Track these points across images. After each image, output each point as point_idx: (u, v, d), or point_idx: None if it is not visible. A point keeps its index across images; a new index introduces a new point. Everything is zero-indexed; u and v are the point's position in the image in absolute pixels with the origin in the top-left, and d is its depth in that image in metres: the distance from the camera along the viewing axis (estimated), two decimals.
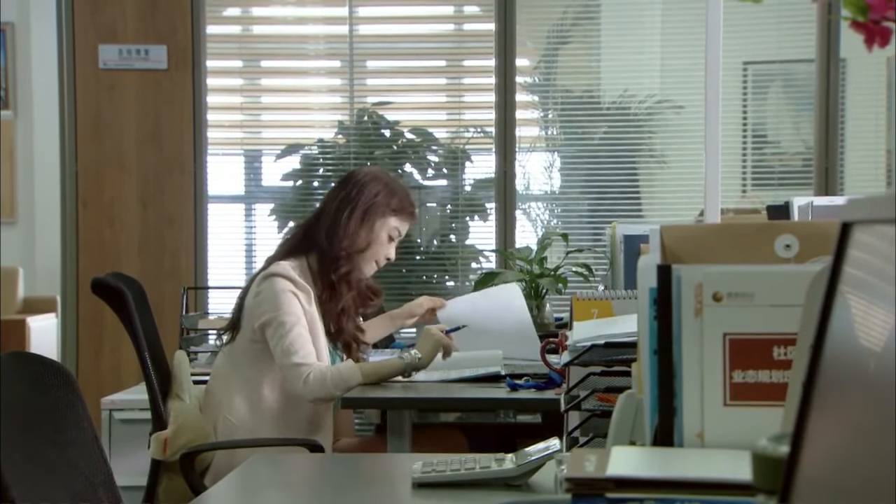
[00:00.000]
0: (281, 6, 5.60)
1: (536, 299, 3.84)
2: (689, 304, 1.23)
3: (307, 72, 5.60)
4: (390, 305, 4.90)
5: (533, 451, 1.83)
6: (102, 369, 5.21)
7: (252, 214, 5.63)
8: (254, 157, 5.65)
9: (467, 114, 5.60)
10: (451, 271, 5.49)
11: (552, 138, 5.59)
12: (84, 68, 5.27)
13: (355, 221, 3.19)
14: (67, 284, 5.34)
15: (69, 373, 2.14)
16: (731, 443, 1.21)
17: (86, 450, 2.08)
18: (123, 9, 5.26)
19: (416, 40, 5.57)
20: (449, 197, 5.48)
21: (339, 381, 3.00)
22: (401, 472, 1.95)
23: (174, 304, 4.72)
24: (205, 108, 5.36)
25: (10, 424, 1.85)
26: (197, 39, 5.30)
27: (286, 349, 3.02)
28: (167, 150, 5.32)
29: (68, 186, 5.32)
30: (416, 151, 5.51)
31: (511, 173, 5.35)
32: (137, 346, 3.12)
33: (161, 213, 5.32)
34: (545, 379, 2.97)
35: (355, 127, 5.46)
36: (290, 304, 3.06)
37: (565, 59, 5.57)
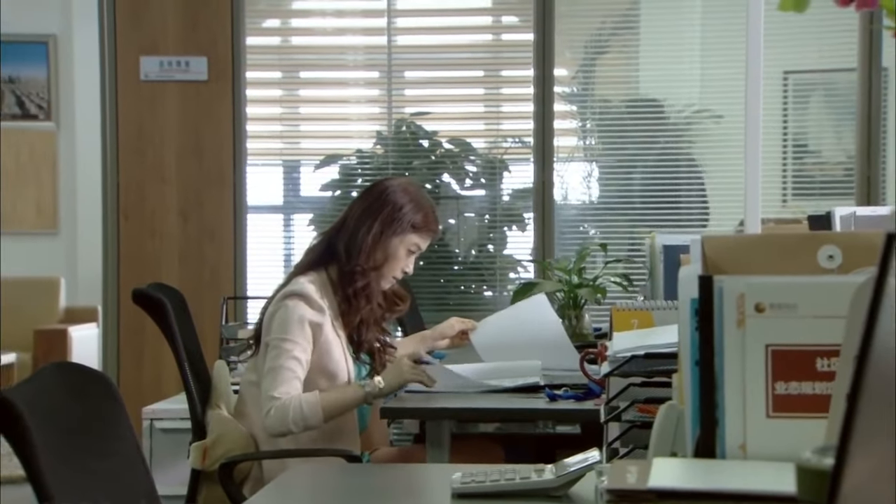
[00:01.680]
0: (320, 17, 5.63)
1: (575, 310, 3.83)
2: (732, 314, 1.22)
3: (346, 82, 5.63)
4: (427, 315, 4.92)
5: (573, 462, 1.82)
6: (143, 379, 5.24)
7: (291, 225, 5.66)
8: (292, 168, 5.68)
9: (505, 124, 5.60)
10: (488, 281, 5.49)
11: (590, 148, 5.59)
12: (126, 80, 5.32)
13: (373, 237, 3.15)
14: (109, 295, 5.38)
15: (112, 382, 2.15)
16: (773, 455, 1.20)
17: (128, 459, 2.09)
18: (165, 21, 5.31)
19: (454, 51, 5.59)
20: (487, 207, 5.49)
21: (298, 419, 2.98)
22: (440, 483, 1.95)
23: (214, 314, 4.75)
24: (244, 119, 5.39)
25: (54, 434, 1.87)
26: (237, 51, 5.33)
27: (268, 376, 3.02)
28: (207, 162, 5.36)
29: (110, 197, 5.36)
30: (454, 161, 5.52)
31: (549, 183, 5.35)
32: (177, 357, 3.14)
33: (201, 224, 5.35)
34: (584, 389, 2.96)
35: (393, 137, 5.48)
36: (295, 332, 3.05)
37: (604, 69, 5.56)
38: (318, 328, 3.08)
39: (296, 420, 2.98)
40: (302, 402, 2.99)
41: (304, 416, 2.98)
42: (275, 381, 3.00)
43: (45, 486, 1.77)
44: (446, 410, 3.01)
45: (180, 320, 3.18)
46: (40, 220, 8.50)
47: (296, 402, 2.99)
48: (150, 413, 4.24)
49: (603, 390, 2.75)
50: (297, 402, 2.99)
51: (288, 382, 3.00)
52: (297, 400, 2.99)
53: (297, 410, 2.98)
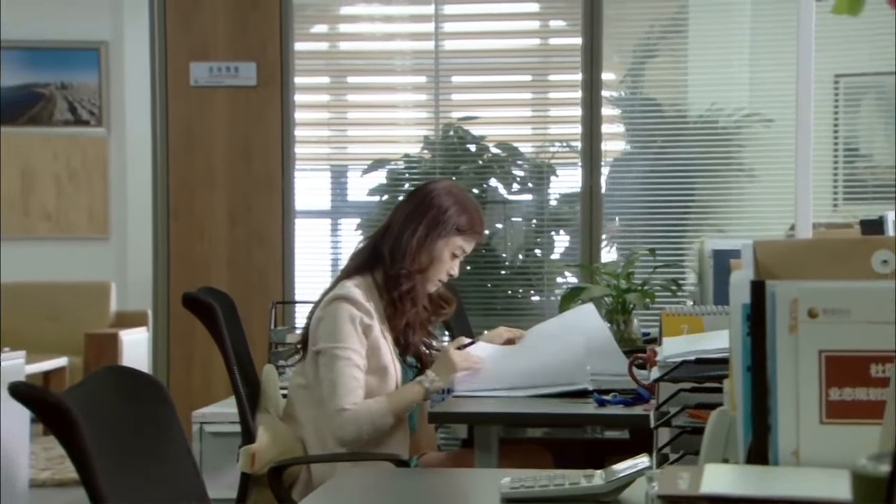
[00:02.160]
0: (368, 23, 5.65)
1: (623, 314, 3.81)
2: (784, 320, 1.22)
3: (393, 87, 5.64)
4: (474, 320, 4.92)
5: (622, 467, 1.81)
6: (193, 382, 5.28)
7: (338, 229, 5.68)
8: (340, 173, 5.70)
9: (553, 128, 5.59)
10: (536, 286, 5.48)
11: (638, 152, 5.56)
12: (175, 85, 5.37)
13: (418, 240, 3.16)
14: (158, 299, 5.42)
15: (163, 386, 2.17)
16: (827, 461, 1.19)
17: (180, 462, 2.10)
18: (215, 27, 5.35)
19: (501, 55, 5.59)
20: (534, 211, 5.48)
21: (372, 425, 3.03)
22: (489, 488, 1.95)
23: (262, 318, 4.77)
24: (292, 124, 5.42)
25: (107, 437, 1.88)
26: (285, 56, 5.36)
27: (330, 388, 3.04)
28: (256, 166, 5.39)
29: (160, 202, 5.41)
30: (501, 166, 5.52)
31: (597, 187, 5.33)
32: (227, 360, 3.15)
33: (250, 229, 5.39)
34: (633, 395, 2.95)
35: (441, 142, 5.49)
36: (347, 336, 3.06)
37: (652, 73, 5.54)
38: (367, 329, 3.09)
39: (368, 430, 3.03)
40: (372, 410, 3.04)
41: (374, 424, 3.04)
42: (340, 392, 3.02)
43: (99, 489, 1.78)
44: (494, 415, 3.01)
45: (230, 324, 3.19)
46: (91, 225, 8.60)
47: (366, 412, 3.03)
48: (199, 417, 4.27)
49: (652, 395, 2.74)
50: (367, 411, 3.03)
51: (353, 391, 3.03)
52: (367, 409, 3.03)
53: (368, 419, 3.03)
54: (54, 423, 1.80)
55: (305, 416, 3.14)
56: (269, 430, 3.11)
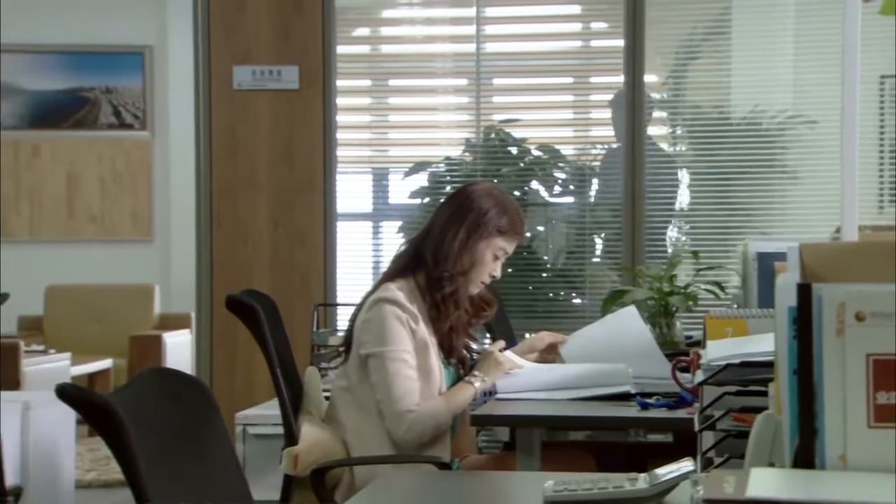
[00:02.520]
0: (409, 26, 5.67)
1: (666, 317, 3.79)
2: (831, 323, 1.21)
3: (434, 90, 5.65)
4: (516, 323, 4.91)
5: (666, 471, 1.80)
6: (235, 384, 5.31)
7: (379, 232, 5.69)
8: (381, 175, 5.71)
9: (594, 130, 5.57)
10: (577, 289, 5.46)
11: (681, 154, 5.54)
12: (219, 89, 5.40)
13: (460, 242, 3.16)
14: (202, 301, 5.45)
15: (208, 388, 2.18)
16: (874, 465, 1.18)
17: (224, 464, 2.11)
18: (258, 31, 5.38)
19: (543, 57, 5.58)
20: (576, 214, 5.47)
21: (435, 426, 3.06)
22: (532, 491, 1.95)
23: (305, 320, 4.79)
24: (334, 127, 5.44)
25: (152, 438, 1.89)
26: (328, 60, 5.38)
27: (388, 391, 3.05)
28: (298, 169, 5.41)
29: (203, 205, 5.44)
30: (542, 168, 5.51)
31: (639, 190, 5.31)
32: (270, 363, 3.17)
33: (292, 231, 5.41)
34: (676, 398, 2.93)
35: (482, 144, 5.49)
36: (397, 338, 3.07)
37: (695, 75, 5.51)
38: (413, 331, 3.10)
39: (431, 431, 3.07)
40: (434, 411, 3.06)
41: (437, 424, 3.07)
42: (398, 395, 3.04)
43: (144, 490, 1.79)
44: (537, 418, 3.01)
45: (272, 326, 3.21)
46: (135, 228, 8.68)
47: (429, 413, 3.06)
48: (242, 419, 4.30)
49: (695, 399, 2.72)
50: (429, 412, 3.06)
51: (411, 392, 3.05)
52: (428, 411, 3.06)
53: (432, 421, 3.06)
54: (101, 424, 1.81)
55: (348, 418, 3.15)
56: (311, 432, 3.11)
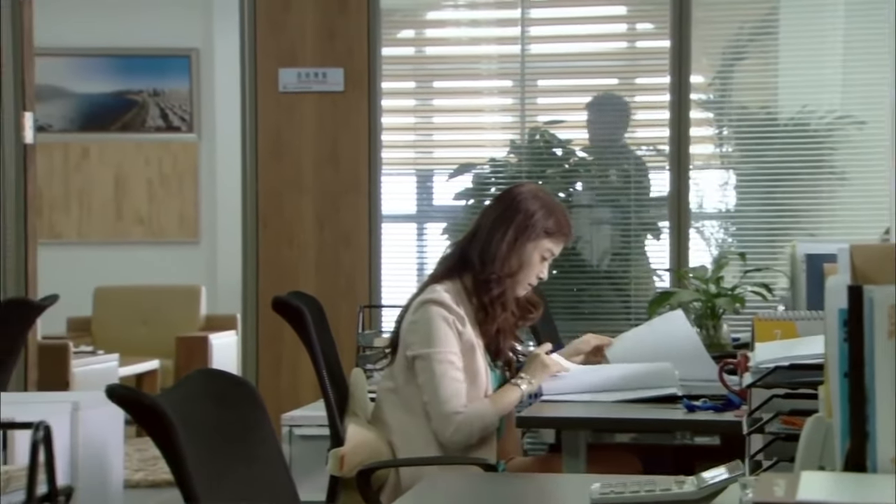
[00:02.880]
0: (454, 27, 5.67)
1: (713, 319, 3.77)
2: (883, 325, 1.20)
3: (479, 92, 5.64)
4: (561, 325, 4.90)
5: (714, 474, 1.80)
6: (281, 386, 5.33)
7: (424, 234, 5.70)
8: (426, 177, 5.72)
9: (639, 132, 5.55)
10: (623, 290, 5.44)
11: (727, 155, 5.51)
12: (265, 91, 5.43)
13: (507, 244, 3.16)
14: (248, 302, 5.48)
15: (255, 389, 2.19)
16: None
17: (271, 465, 2.13)
18: (303, 33, 5.41)
19: (588, 59, 5.56)
20: (621, 216, 5.45)
21: (482, 427, 3.07)
22: (578, 493, 1.94)
23: (350, 322, 4.80)
24: (379, 128, 5.45)
25: (200, 439, 1.91)
26: (373, 61, 5.40)
27: (435, 393, 3.05)
28: (343, 171, 5.43)
29: (249, 207, 5.47)
30: (587, 170, 5.50)
31: (685, 191, 5.29)
32: (316, 364, 3.18)
33: (337, 233, 5.43)
34: (723, 400, 2.92)
35: (527, 146, 5.48)
36: (444, 339, 3.07)
37: (741, 75, 5.47)
38: (459, 333, 3.10)
39: (479, 433, 3.07)
40: (481, 413, 3.07)
41: (485, 425, 3.07)
42: (445, 397, 3.04)
43: (193, 490, 1.81)
44: (582, 420, 3.00)
45: (318, 328, 3.22)
46: (182, 229, 8.74)
47: (475, 416, 3.06)
48: (288, 420, 4.32)
49: (743, 401, 2.71)
50: (476, 415, 3.06)
51: (458, 394, 3.05)
52: (476, 413, 3.06)
53: (480, 423, 3.06)
54: (150, 425, 1.83)
55: (394, 419, 3.15)
56: (357, 434, 3.12)
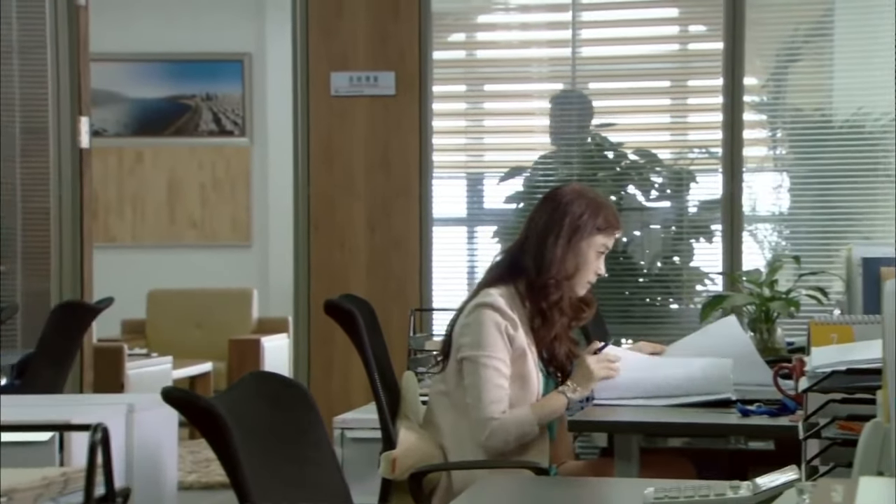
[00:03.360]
0: (505, 31, 5.67)
1: (767, 323, 3.74)
2: None
3: (530, 95, 5.64)
4: (613, 328, 4.87)
5: (770, 479, 1.78)
6: (332, 388, 5.36)
7: (474, 237, 5.70)
8: (477, 180, 5.72)
9: (692, 134, 5.53)
10: (674, 294, 5.42)
11: (781, 158, 5.47)
12: (317, 95, 5.46)
13: (562, 247, 3.15)
14: (299, 305, 5.51)
15: (308, 392, 2.20)
16: None
17: (325, 467, 2.13)
18: (355, 37, 5.43)
19: (639, 61, 5.55)
20: (673, 219, 5.42)
21: (519, 435, 3.04)
22: (631, 497, 1.94)
23: (401, 325, 4.81)
24: (430, 132, 5.47)
25: (255, 441, 1.92)
26: (424, 65, 5.41)
27: (477, 396, 3.04)
28: (394, 174, 5.45)
29: (301, 211, 5.50)
30: (639, 173, 5.48)
31: (738, 194, 5.25)
32: (367, 367, 3.19)
33: (388, 237, 5.45)
34: (778, 405, 2.89)
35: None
36: (493, 344, 3.06)
37: (795, 77, 5.43)
38: (512, 339, 3.09)
39: (516, 438, 3.05)
40: (520, 420, 3.05)
41: (523, 433, 3.05)
42: (486, 401, 3.03)
43: (248, 492, 1.82)
44: (635, 424, 2.99)
45: (370, 331, 3.23)
46: (234, 233, 8.81)
47: (514, 422, 3.04)
48: (340, 422, 4.33)
49: (798, 406, 2.69)
50: (514, 421, 3.04)
51: (500, 401, 3.04)
52: (514, 419, 3.04)
53: (518, 429, 3.04)
54: (205, 427, 1.84)
55: (445, 422, 3.15)
56: (409, 437, 3.13)
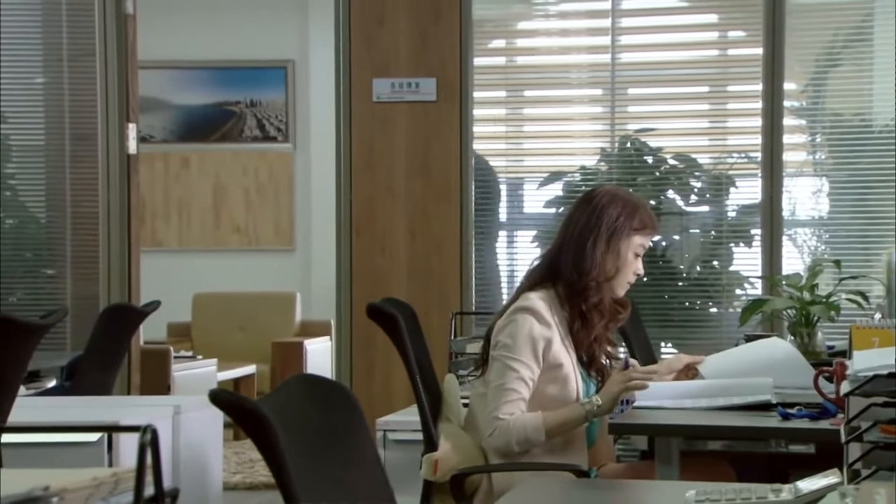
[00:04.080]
0: (545, 37, 5.69)
1: (807, 327, 3.75)
2: None
3: (570, 100, 5.66)
4: (653, 332, 4.88)
5: (811, 482, 1.79)
6: (374, 391, 5.39)
7: (514, 241, 5.72)
8: (516, 185, 5.74)
9: (731, 139, 5.52)
10: (714, 298, 5.42)
11: (820, 162, 5.46)
12: (359, 101, 5.50)
13: (600, 250, 3.15)
14: (342, 308, 5.55)
15: (352, 394, 2.22)
16: None
17: (368, 469, 2.16)
18: (397, 44, 5.47)
19: (678, 67, 5.56)
20: (712, 223, 5.43)
21: (522, 441, 3.03)
22: (673, 500, 1.96)
23: (442, 328, 4.85)
24: (471, 137, 5.50)
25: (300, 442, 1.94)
26: (464, 71, 5.44)
27: (494, 394, 3.06)
28: (435, 180, 5.48)
29: (343, 215, 5.54)
30: (678, 177, 5.48)
31: (778, 198, 5.25)
32: (409, 370, 3.21)
33: (429, 241, 5.48)
34: (819, 408, 2.90)
35: (617, 154, 5.48)
36: (522, 349, 3.07)
37: (835, 82, 5.42)
38: (547, 344, 3.11)
39: (519, 441, 3.04)
40: (526, 424, 3.04)
41: (527, 438, 3.04)
42: (500, 402, 3.05)
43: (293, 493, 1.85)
44: (675, 427, 3.00)
45: (411, 334, 3.25)
46: (278, 237, 8.88)
47: (519, 425, 3.04)
48: (383, 424, 4.37)
49: (839, 409, 2.70)
50: (520, 424, 3.04)
51: (513, 403, 3.05)
52: (521, 422, 3.04)
53: (521, 433, 3.03)
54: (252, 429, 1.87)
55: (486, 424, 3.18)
56: (450, 439, 3.15)
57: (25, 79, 5.69)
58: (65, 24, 5.56)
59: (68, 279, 5.58)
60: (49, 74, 5.65)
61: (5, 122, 5.69)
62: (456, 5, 5.42)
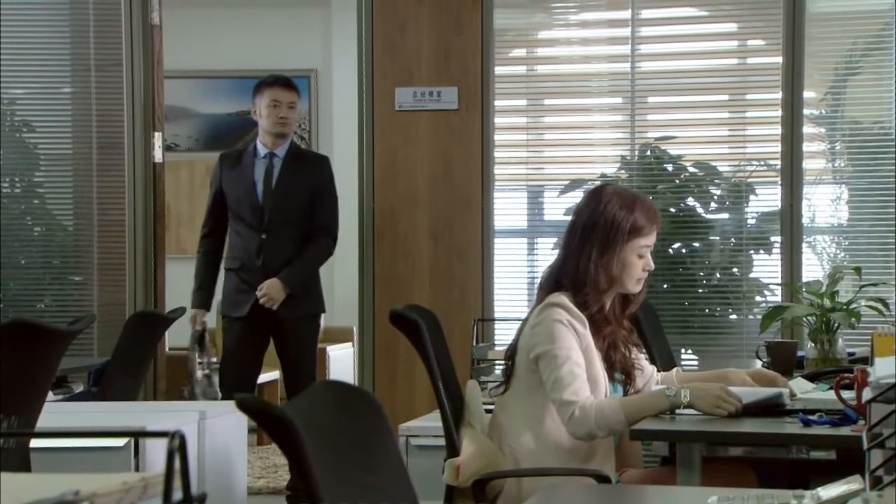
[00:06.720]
0: (566, 46, 5.72)
1: (827, 334, 3.76)
2: None
3: (590, 109, 5.69)
4: (673, 338, 4.87)
5: (834, 488, 1.81)
6: (396, 397, 5.42)
7: (535, 248, 5.75)
8: (537, 193, 5.77)
9: (750, 147, 5.54)
10: (734, 305, 5.43)
11: (840, 170, 5.47)
12: (381, 110, 5.54)
13: (594, 261, 3.15)
14: (364, 315, 5.58)
15: (377, 400, 2.24)
16: None
17: (393, 475, 2.18)
18: (419, 53, 5.51)
19: (698, 75, 5.57)
20: (732, 230, 5.44)
21: (602, 422, 3.00)
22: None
23: (464, 335, 4.87)
24: (492, 145, 5.53)
25: (325, 448, 1.96)
26: (486, 80, 5.48)
27: (556, 383, 3.04)
28: (456, 187, 5.52)
29: (366, 222, 5.58)
30: (698, 185, 5.50)
31: (797, 206, 5.26)
32: (432, 375, 3.23)
33: (451, 248, 5.51)
34: (840, 415, 2.91)
35: (637, 162, 5.50)
36: (565, 337, 3.07)
37: (854, 91, 5.43)
38: (580, 335, 3.13)
39: (599, 423, 2.99)
40: (603, 405, 3.01)
41: (606, 418, 2.99)
42: (564, 386, 3.02)
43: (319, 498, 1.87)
44: (696, 433, 3.00)
45: (434, 340, 3.27)
46: None
47: (596, 406, 3.00)
48: (406, 430, 4.39)
49: (860, 416, 2.71)
50: (597, 405, 3.00)
51: (576, 384, 3.02)
52: (598, 403, 3.01)
53: (599, 413, 2.99)
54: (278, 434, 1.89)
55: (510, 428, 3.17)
56: (472, 444, 3.16)
57: (53, 88, 5.75)
58: (92, 34, 5.62)
59: (95, 286, 5.63)
60: (76, 84, 5.71)
61: (34, 131, 5.75)
62: (477, 15, 5.46)
